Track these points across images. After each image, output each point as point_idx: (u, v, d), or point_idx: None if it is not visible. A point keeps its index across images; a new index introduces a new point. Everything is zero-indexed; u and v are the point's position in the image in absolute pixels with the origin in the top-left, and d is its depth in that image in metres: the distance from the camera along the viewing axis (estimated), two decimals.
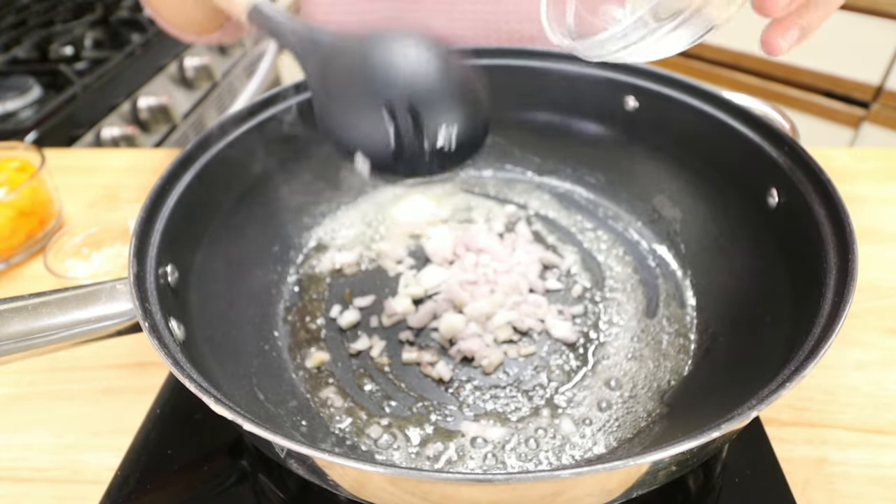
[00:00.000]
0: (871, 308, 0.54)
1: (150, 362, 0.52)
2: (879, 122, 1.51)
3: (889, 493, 0.41)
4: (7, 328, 0.35)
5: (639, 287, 0.55)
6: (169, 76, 1.30)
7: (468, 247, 0.59)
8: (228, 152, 0.50)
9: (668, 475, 0.32)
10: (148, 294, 0.37)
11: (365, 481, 0.31)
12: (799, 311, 0.37)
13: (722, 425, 0.28)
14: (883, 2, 1.37)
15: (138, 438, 0.45)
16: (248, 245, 0.54)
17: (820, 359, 0.30)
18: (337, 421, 0.46)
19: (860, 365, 0.50)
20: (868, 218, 0.64)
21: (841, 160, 0.73)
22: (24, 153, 0.68)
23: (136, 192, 0.74)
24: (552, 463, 0.42)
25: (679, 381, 0.47)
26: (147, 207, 0.41)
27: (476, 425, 0.45)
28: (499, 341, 0.51)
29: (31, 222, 0.64)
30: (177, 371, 0.31)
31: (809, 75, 1.56)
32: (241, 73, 1.59)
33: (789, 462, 0.43)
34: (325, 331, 0.53)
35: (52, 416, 0.49)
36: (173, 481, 0.43)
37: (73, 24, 1.28)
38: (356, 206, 0.65)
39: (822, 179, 0.40)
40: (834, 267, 0.36)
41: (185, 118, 1.32)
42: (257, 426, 0.28)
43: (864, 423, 0.46)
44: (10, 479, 0.44)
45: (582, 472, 0.26)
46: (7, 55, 1.17)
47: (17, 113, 1.02)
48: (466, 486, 0.28)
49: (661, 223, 0.59)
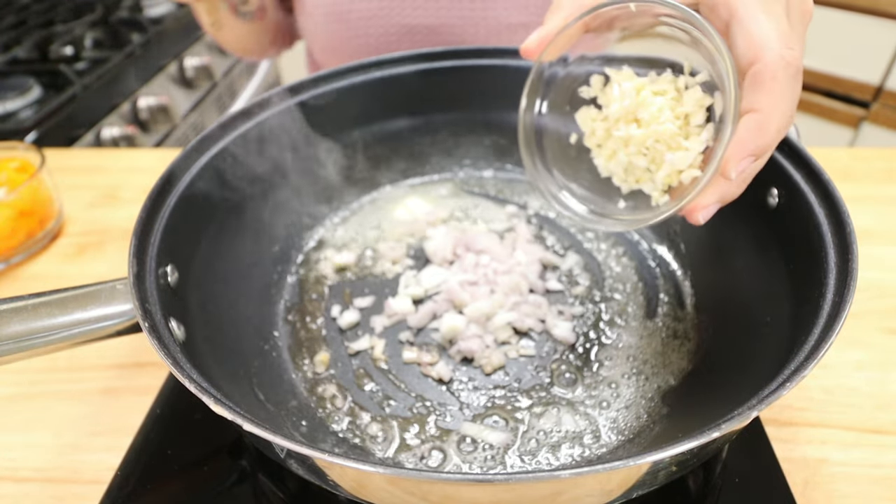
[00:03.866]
0: (871, 308, 0.54)
1: (150, 362, 0.52)
2: (879, 122, 1.51)
3: (889, 494, 0.41)
4: (7, 328, 0.35)
5: (639, 287, 0.55)
6: (169, 76, 1.30)
7: (468, 247, 0.59)
8: (228, 152, 0.50)
9: (668, 475, 0.32)
10: (148, 294, 0.37)
11: (365, 481, 0.31)
12: (799, 311, 0.37)
13: (722, 425, 0.28)
14: (883, 2, 1.37)
15: (138, 438, 0.45)
16: (248, 245, 0.54)
17: (820, 359, 0.30)
18: (337, 421, 0.46)
19: (860, 365, 0.50)
20: (868, 218, 0.64)
21: (841, 160, 0.73)
22: (24, 153, 0.68)
23: (136, 192, 0.74)
24: (552, 463, 0.42)
25: (679, 381, 0.47)
26: (147, 207, 0.41)
27: (476, 425, 0.45)
28: (499, 342, 0.51)
29: (31, 222, 0.64)
30: (177, 371, 0.31)
31: (809, 75, 1.56)
32: (241, 73, 1.59)
33: (789, 462, 0.43)
34: (325, 331, 0.53)
35: (52, 416, 0.49)
36: (173, 481, 0.43)
37: (73, 24, 1.28)
38: (356, 206, 0.65)
39: (822, 179, 0.40)
40: (834, 267, 0.36)
41: (185, 118, 1.32)
42: (257, 426, 0.28)
43: (864, 423, 0.46)
44: (10, 479, 0.44)
45: (582, 472, 0.26)
46: (7, 55, 1.17)
47: (17, 113, 1.02)
48: (466, 486, 0.28)
49: (661, 223, 0.59)
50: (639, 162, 0.39)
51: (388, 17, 0.72)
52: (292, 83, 0.55)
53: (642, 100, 0.38)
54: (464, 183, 0.68)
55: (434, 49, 0.60)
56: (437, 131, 0.64)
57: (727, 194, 0.34)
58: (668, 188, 0.39)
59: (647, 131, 0.38)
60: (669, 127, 0.37)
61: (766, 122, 0.32)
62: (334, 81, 0.57)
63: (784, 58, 0.31)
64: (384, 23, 0.72)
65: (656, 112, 0.37)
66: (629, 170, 0.41)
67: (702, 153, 0.36)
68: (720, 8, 0.34)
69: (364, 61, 0.58)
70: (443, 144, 0.66)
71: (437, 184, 0.67)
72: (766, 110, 0.32)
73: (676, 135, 0.37)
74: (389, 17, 0.72)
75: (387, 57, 0.59)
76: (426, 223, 0.63)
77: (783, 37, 0.32)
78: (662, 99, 0.37)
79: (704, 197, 0.34)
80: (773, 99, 0.32)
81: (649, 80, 0.39)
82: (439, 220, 0.63)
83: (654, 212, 0.38)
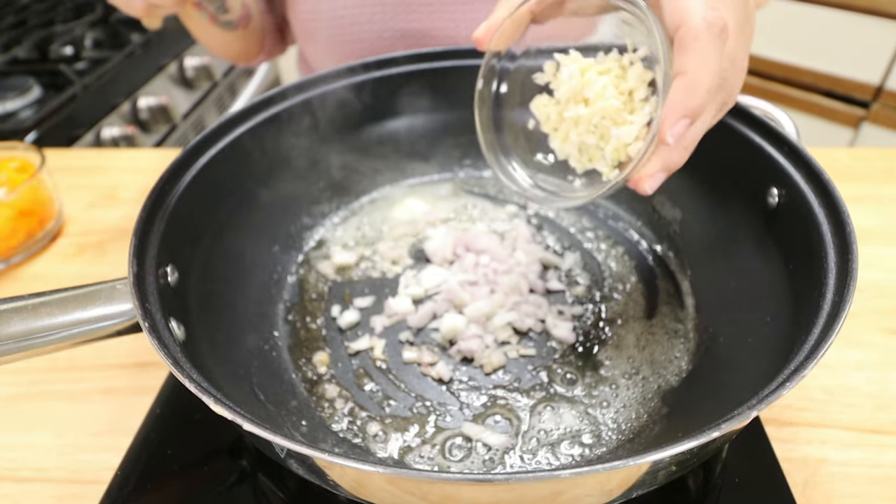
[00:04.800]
0: (871, 308, 0.54)
1: (150, 362, 0.52)
2: (879, 122, 1.51)
3: (889, 494, 0.41)
4: (7, 328, 0.35)
5: (639, 287, 0.55)
6: (169, 76, 1.30)
7: (468, 247, 0.59)
8: (228, 152, 0.50)
9: (668, 475, 0.32)
10: (148, 294, 0.37)
11: (365, 481, 0.31)
12: (799, 311, 0.37)
13: (722, 425, 0.28)
14: (883, 2, 1.37)
15: (138, 438, 0.45)
16: (248, 245, 0.54)
17: (820, 359, 0.30)
18: (337, 421, 0.46)
19: (860, 365, 0.50)
20: (868, 218, 0.64)
21: (841, 160, 0.73)
22: (24, 153, 0.68)
23: (136, 192, 0.74)
24: (552, 463, 0.42)
25: (679, 381, 0.47)
26: (147, 207, 0.41)
27: (476, 425, 0.45)
28: (499, 342, 0.51)
29: (31, 222, 0.64)
30: (177, 371, 0.31)
31: (809, 75, 1.56)
32: (241, 74, 1.59)
33: (789, 462, 0.43)
34: (325, 331, 0.53)
35: (52, 416, 0.49)
36: (173, 481, 0.43)
37: (73, 24, 1.28)
38: (356, 206, 0.65)
39: (822, 179, 0.40)
40: (834, 267, 0.36)
41: (185, 118, 1.32)
42: (257, 426, 0.28)
43: (864, 423, 0.46)
44: (10, 479, 0.44)
45: (582, 472, 0.26)
46: (7, 55, 1.17)
47: (17, 113, 1.02)
48: (466, 486, 0.28)
49: (661, 223, 0.59)
50: (589, 140, 0.40)
51: (382, 21, 0.72)
52: (293, 83, 0.55)
53: (588, 80, 0.39)
54: (464, 183, 0.68)
55: (434, 49, 0.60)
56: (436, 131, 0.64)
57: (670, 162, 0.35)
58: (618, 164, 0.40)
59: (593, 109, 0.39)
60: (613, 103, 0.38)
61: (693, 82, 0.32)
62: (334, 81, 0.57)
63: (706, 18, 0.32)
64: (378, 27, 0.72)
65: (601, 90, 0.39)
66: (582, 149, 0.42)
67: (647, 126, 0.37)
68: None
69: (364, 61, 0.58)
70: (442, 144, 0.66)
71: (437, 184, 0.67)
72: (692, 71, 0.32)
73: (621, 110, 0.38)
74: (383, 21, 0.72)
75: (387, 57, 0.59)
76: (426, 223, 0.63)
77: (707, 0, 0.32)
78: (606, 77, 0.39)
79: (648, 166, 0.35)
80: (698, 59, 0.32)
81: (596, 61, 0.40)
82: (439, 220, 0.63)
83: (605, 185, 0.39)
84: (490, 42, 0.42)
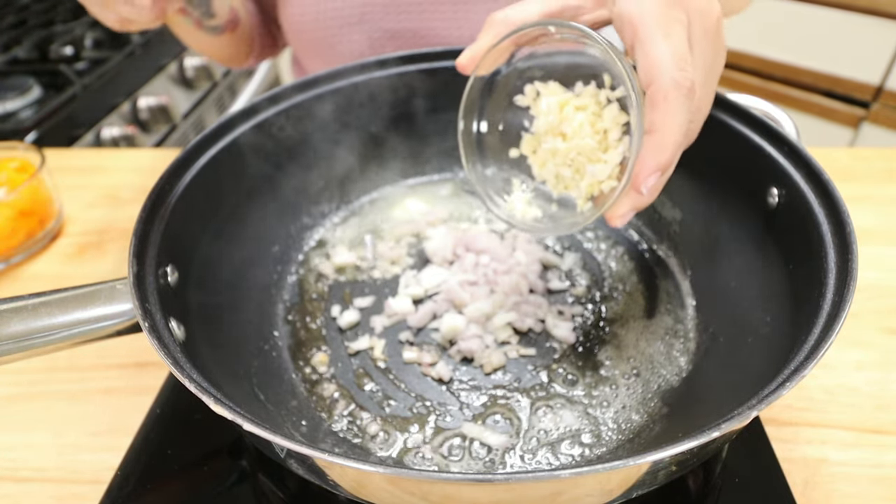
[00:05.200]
0: (871, 308, 0.54)
1: (150, 362, 0.52)
2: (879, 122, 1.51)
3: (889, 494, 0.41)
4: (7, 328, 0.35)
5: (639, 287, 0.55)
6: (169, 76, 1.30)
7: (468, 247, 0.59)
8: (228, 152, 0.50)
9: (668, 475, 0.32)
10: (148, 294, 0.37)
11: (365, 481, 0.31)
12: (799, 311, 0.37)
13: (722, 425, 0.28)
14: (883, 2, 1.37)
15: (138, 438, 0.45)
16: (248, 245, 0.54)
17: (820, 359, 0.30)
18: (337, 421, 0.46)
19: (860, 365, 0.50)
20: (868, 218, 0.64)
21: (841, 160, 0.73)
22: (24, 153, 0.68)
23: (136, 192, 0.74)
24: (552, 463, 0.42)
25: (679, 381, 0.47)
26: (147, 207, 0.41)
27: (476, 425, 0.45)
28: (499, 342, 0.51)
29: (31, 222, 0.64)
30: (177, 371, 0.31)
31: (809, 75, 1.56)
32: (240, 74, 1.59)
33: (789, 462, 0.43)
34: (325, 331, 0.53)
35: (52, 416, 0.49)
36: (173, 481, 0.43)
37: (73, 24, 1.28)
38: (356, 206, 0.65)
39: (822, 179, 0.40)
40: (834, 267, 0.36)
41: (185, 118, 1.32)
42: (257, 426, 0.28)
43: (864, 423, 0.46)
44: (10, 479, 0.44)
45: (582, 472, 0.26)
46: (7, 55, 1.17)
47: (17, 113, 1.02)
48: (466, 486, 0.28)
49: (661, 223, 0.59)
50: (565, 172, 0.43)
51: (373, 21, 0.72)
52: (293, 83, 0.55)
53: (566, 115, 0.42)
54: (464, 183, 0.68)
55: (434, 49, 0.59)
56: (436, 131, 0.64)
57: (640, 203, 0.37)
58: (591, 196, 0.43)
59: (569, 145, 0.42)
60: (589, 142, 0.40)
61: (662, 140, 0.34)
62: (334, 82, 0.57)
63: (675, 79, 0.33)
64: (369, 28, 0.72)
65: (578, 128, 0.41)
66: (559, 177, 0.44)
67: (620, 164, 0.40)
68: (626, 27, 0.36)
69: (362, 62, 0.58)
70: (442, 144, 0.66)
71: (436, 184, 0.67)
72: (661, 129, 0.34)
73: (595, 149, 0.41)
74: (374, 21, 0.72)
75: (384, 57, 0.59)
76: (426, 223, 0.63)
77: (677, 58, 0.34)
78: (583, 115, 0.41)
79: (620, 206, 0.37)
80: (667, 118, 0.34)
81: (573, 95, 0.42)
82: (439, 220, 0.63)
83: (579, 217, 0.42)
84: (473, 69, 0.43)
